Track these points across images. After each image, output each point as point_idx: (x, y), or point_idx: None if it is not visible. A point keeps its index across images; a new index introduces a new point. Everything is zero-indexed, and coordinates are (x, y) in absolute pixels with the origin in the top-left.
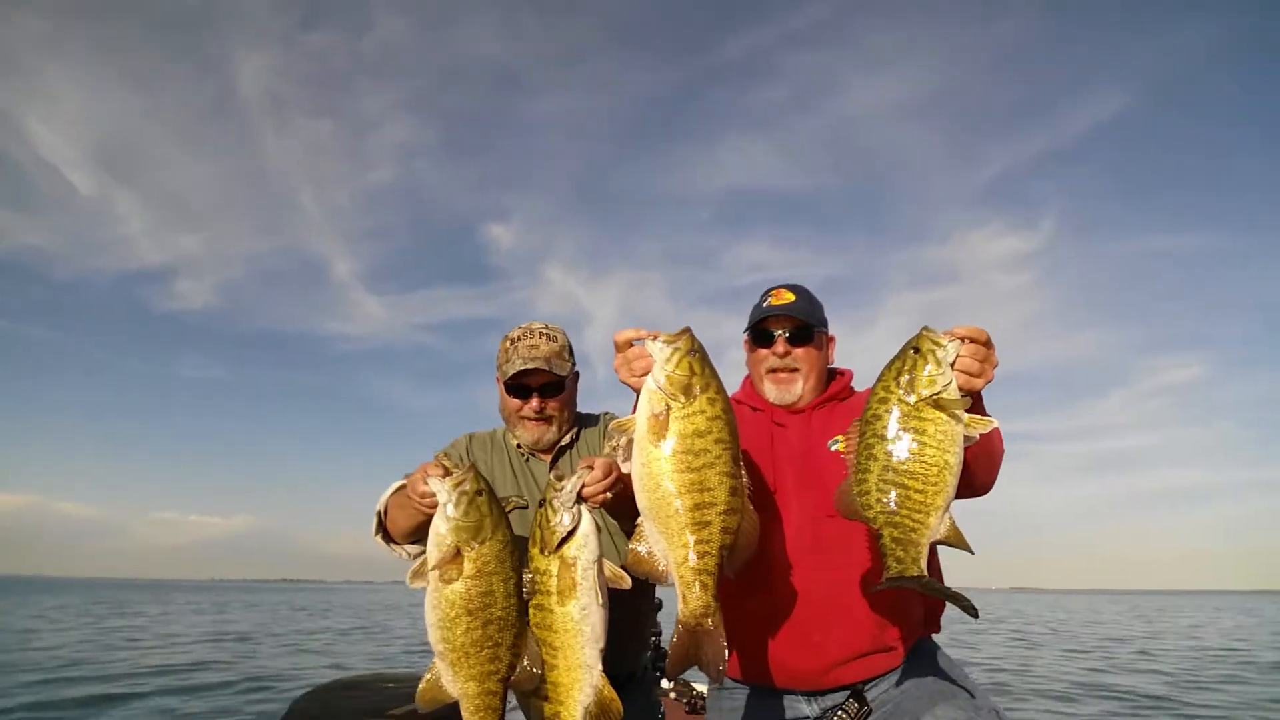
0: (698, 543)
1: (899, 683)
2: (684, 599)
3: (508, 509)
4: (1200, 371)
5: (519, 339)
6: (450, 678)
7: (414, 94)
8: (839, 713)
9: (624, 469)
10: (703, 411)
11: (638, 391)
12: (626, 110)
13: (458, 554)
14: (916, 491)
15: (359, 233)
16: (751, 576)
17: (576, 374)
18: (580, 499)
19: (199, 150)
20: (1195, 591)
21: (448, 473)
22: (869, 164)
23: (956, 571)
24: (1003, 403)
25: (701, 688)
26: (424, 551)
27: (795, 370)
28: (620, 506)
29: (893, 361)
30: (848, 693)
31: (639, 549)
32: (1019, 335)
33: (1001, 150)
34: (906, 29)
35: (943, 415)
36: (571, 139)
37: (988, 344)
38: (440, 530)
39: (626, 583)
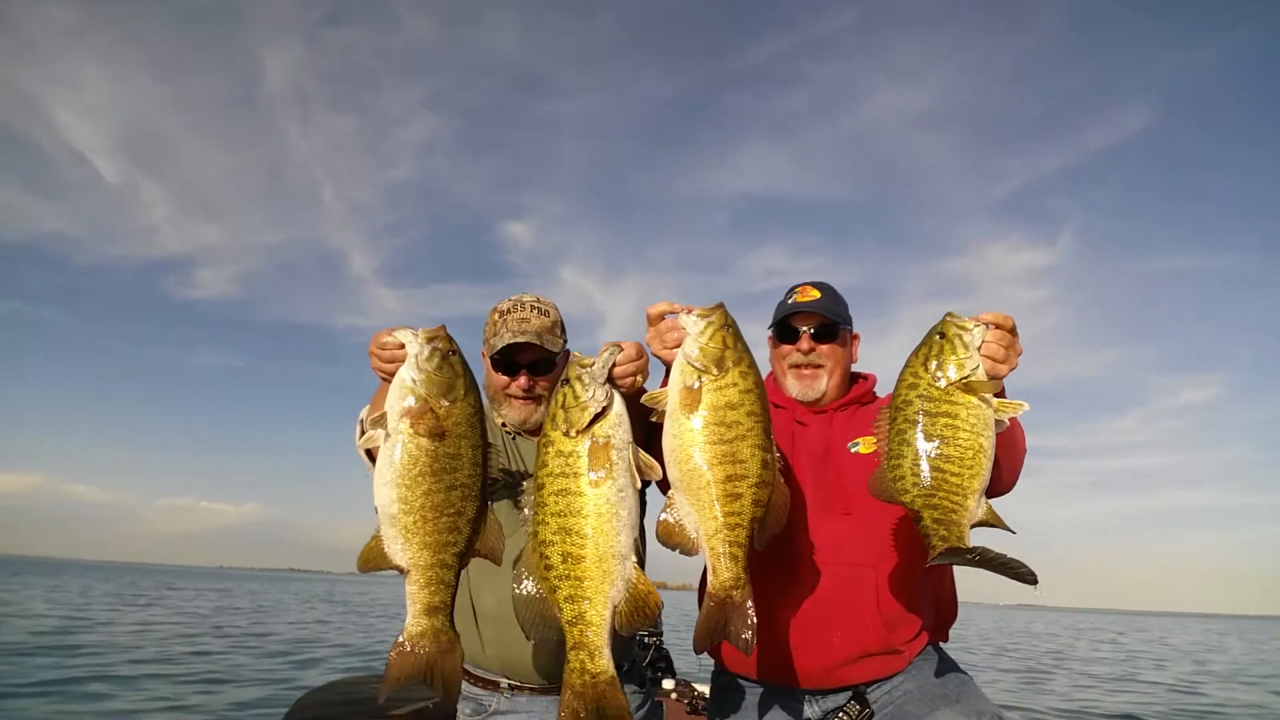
0: (729, 514)
1: (902, 685)
2: (714, 571)
3: (496, 486)
4: (1216, 393)
5: (508, 311)
6: (400, 545)
7: (436, 92)
8: (840, 714)
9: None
10: (735, 384)
11: (667, 364)
12: (646, 113)
13: (427, 409)
14: (953, 475)
15: (378, 228)
16: (762, 572)
17: (568, 352)
18: (610, 378)
19: (223, 142)
20: (1206, 615)
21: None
22: (888, 174)
23: (964, 583)
24: (1018, 417)
25: (703, 688)
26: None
27: (820, 366)
28: (635, 407)
29: (919, 347)
30: (850, 694)
31: (668, 518)
32: (1035, 350)
33: (1021, 164)
34: (929, 41)
35: (974, 399)
36: (590, 140)
37: (1013, 331)
38: (407, 380)
39: (657, 473)
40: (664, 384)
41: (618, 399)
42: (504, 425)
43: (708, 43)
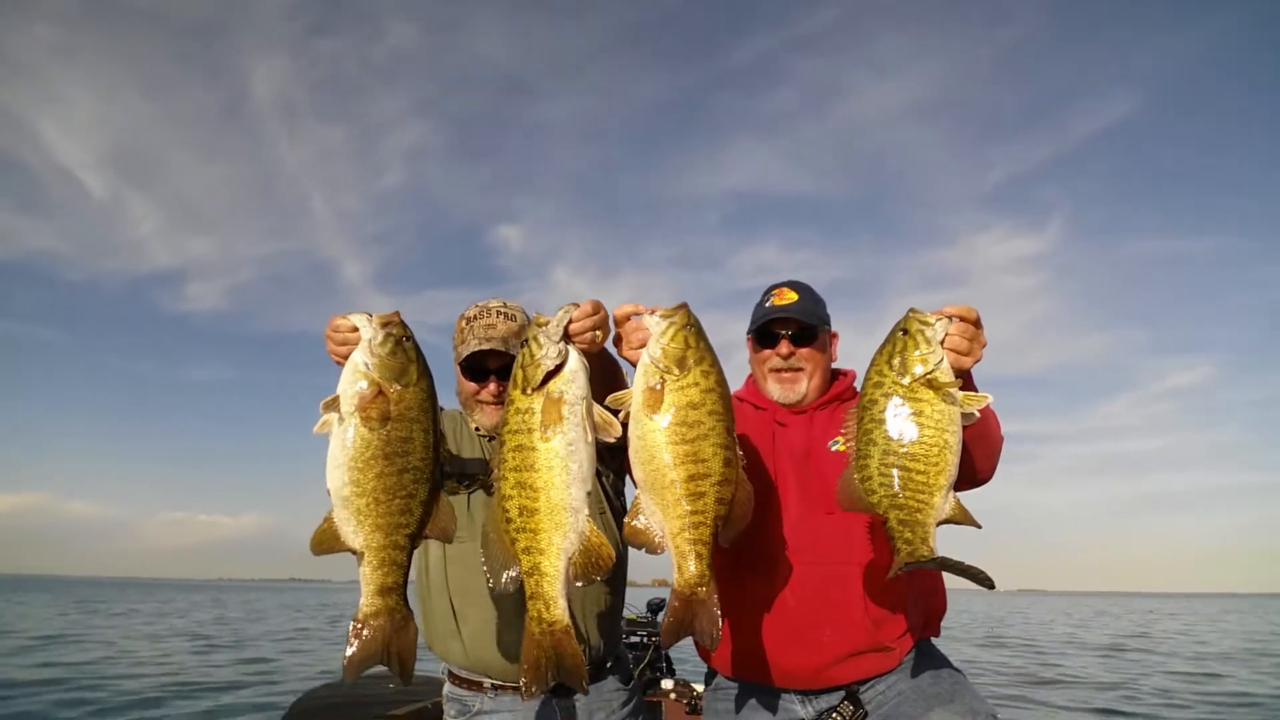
0: (692, 513)
1: (895, 685)
2: (679, 569)
3: (473, 487)
4: (1207, 374)
5: (475, 318)
6: (353, 527)
7: (424, 99)
8: (834, 714)
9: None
10: (696, 384)
11: (634, 365)
12: (635, 114)
13: (379, 394)
14: (919, 473)
15: (369, 236)
16: (749, 572)
17: None
18: (567, 336)
19: (211, 154)
20: (1203, 594)
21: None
22: (877, 168)
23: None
24: (1010, 404)
25: (701, 688)
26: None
27: (799, 370)
28: (600, 366)
29: (883, 346)
30: (843, 694)
31: (635, 522)
32: (1027, 338)
33: (1009, 154)
34: (913, 34)
35: (938, 395)
36: (580, 143)
37: (977, 323)
38: (359, 364)
39: (616, 430)
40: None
41: (573, 356)
42: (478, 430)
43: (694, 43)
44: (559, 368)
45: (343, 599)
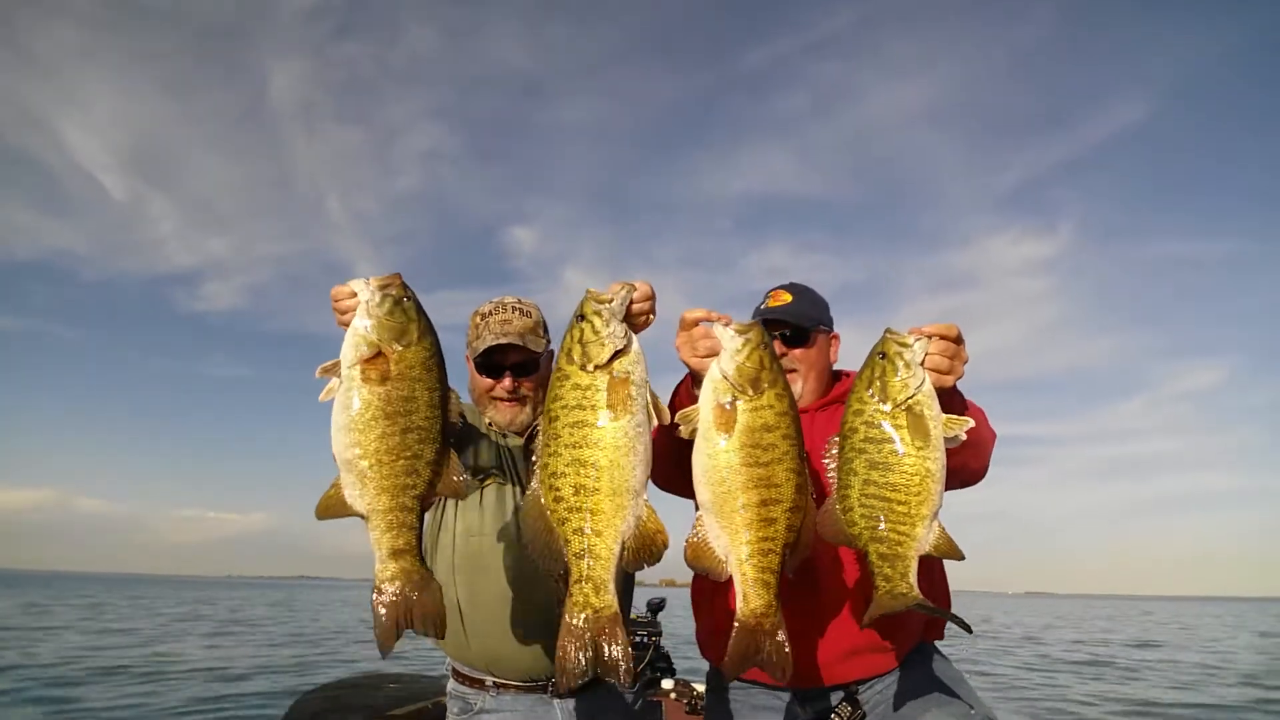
0: (762, 540)
1: (894, 685)
2: (745, 597)
3: (487, 483)
4: (1223, 376)
5: (490, 314)
6: (358, 490)
7: (441, 102)
8: (833, 715)
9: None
10: (771, 406)
11: (694, 372)
12: (648, 117)
13: (378, 354)
14: (899, 504)
15: (383, 237)
16: None
17: (551, 352)
18: (626, 316)
19: (230, 155)
20: (1216, 598)
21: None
22: (888, 170)
23: (969, 574)
24: (1021, 407)
25: (702, 688)
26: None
27: (793, 371)
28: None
29: (861, 371)
30: (842, 694)
31: (698, 542)
32: (1039, 340)
33: (1021, 156)
34: (926, 37)
35: (918, 420)
36: (593, 145)
37: (958, 339)
38: (359, 328)
39: (666, 417)
40: (678, 386)
41: (634, 336)
42: (491, 425)
43: (707, 47)
44: (624, 347)
45: (353, 596)
